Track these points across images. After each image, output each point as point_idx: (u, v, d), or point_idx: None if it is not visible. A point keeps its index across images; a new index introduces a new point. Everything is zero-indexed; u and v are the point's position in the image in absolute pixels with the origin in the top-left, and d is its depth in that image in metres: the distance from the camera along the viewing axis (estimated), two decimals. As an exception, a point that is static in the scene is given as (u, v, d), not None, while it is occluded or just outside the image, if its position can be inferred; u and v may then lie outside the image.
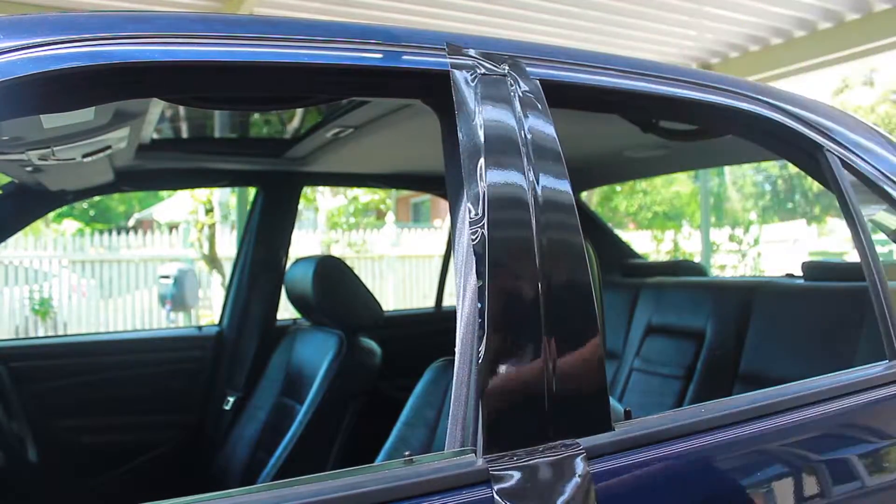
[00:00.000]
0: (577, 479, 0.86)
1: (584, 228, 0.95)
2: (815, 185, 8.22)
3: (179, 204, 9.45)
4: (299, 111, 1.81)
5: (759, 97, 1.26)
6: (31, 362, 2.10)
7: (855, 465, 1.12)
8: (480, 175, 0.89)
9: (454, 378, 0.90)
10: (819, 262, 2.20)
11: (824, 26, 4.80)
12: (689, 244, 8.71)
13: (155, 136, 1.83)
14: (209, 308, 7.82)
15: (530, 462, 0.85)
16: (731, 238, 7.99)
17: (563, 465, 0.86)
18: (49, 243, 8.18)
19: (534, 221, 0.91)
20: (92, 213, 14.99)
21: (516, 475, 0.84)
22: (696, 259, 6.97)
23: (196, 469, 2.22)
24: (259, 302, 2.39)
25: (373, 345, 2.10)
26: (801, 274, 2.23)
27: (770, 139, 1.31)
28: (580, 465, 0.87)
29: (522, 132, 0.94)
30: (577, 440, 0.89)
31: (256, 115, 1.92)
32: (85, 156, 1.56)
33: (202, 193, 6.87)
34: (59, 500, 1.95)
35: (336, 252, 8.56)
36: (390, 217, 10.55)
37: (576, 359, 0.92)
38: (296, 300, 2.16)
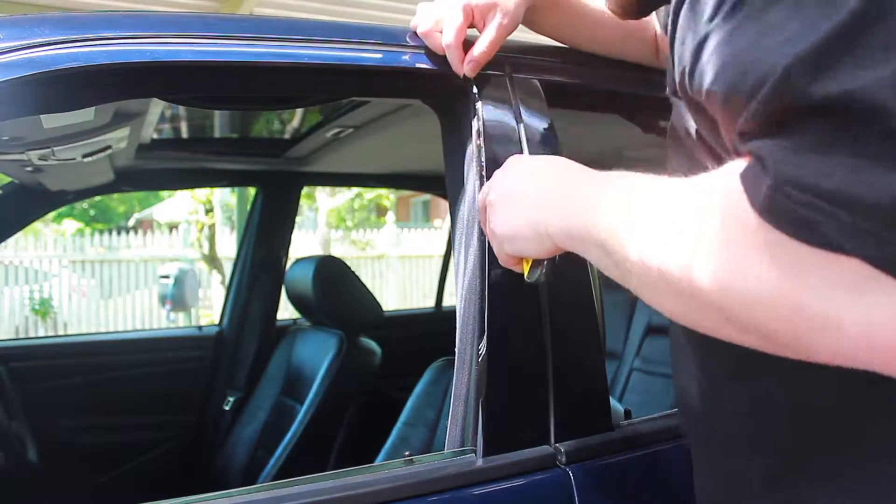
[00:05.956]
0: (577, 480, 0.86)
1: (584, 228, 0.95)
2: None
3: (179, 204, 9.44)
4: (299, 111, 1.81)
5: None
6: (31, 362, 2.10)
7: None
8: (480, 175, 0.89)
9: (454, 378, 0.90)
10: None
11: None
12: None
13: (155, 136, 1.83)
14: (209, 308, 7.81)
15: (530, 462, 0.85)
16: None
17: (562, 465, 0.86)
18: (49, 243, 8.18)
19: (534, 221, 0.91)
20: (92, 213, 14.98)
21: (516, 475, 0.84)
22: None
23: (196, 469, 2.22)
24: (259, 302, 2.39)
25: (373, 345, 2.10)
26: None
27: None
28: (580, 466, 0.87)
29: (522, 132, 0.94)
30: (578, 440, 0.89)
31: (256, 115, 1.91)
32: (85, 156, 1.56)
33: (202, 193, 6.87)
34: (59, 500, 1.95)
35: (336, 252, 8.55)
36: (391, 217, 10.54)
37: (576, 359, 0.92)
38: (296, 300, 2.16)
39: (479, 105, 0.92)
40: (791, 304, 0.42)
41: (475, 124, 0.92)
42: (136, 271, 8.19)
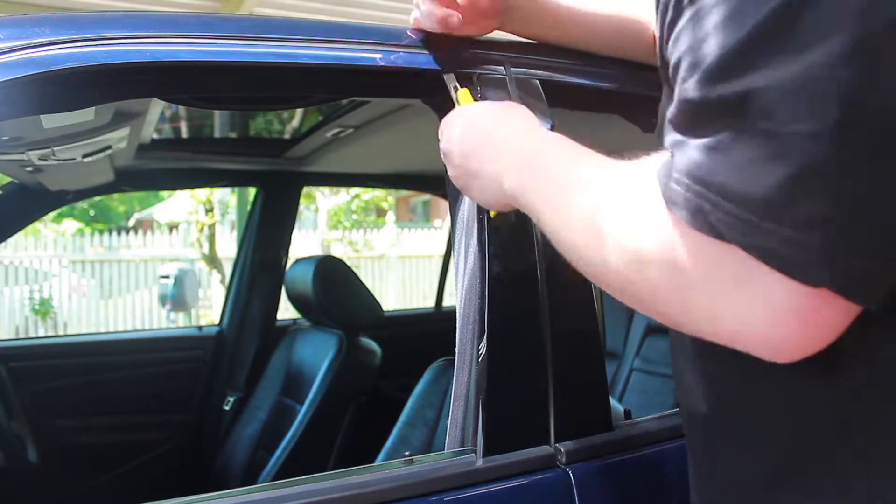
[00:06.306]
0: (577, 480, 0.86)
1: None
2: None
3: (179, 204, 9.43)
4: (299, 111, 1.81)
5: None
6: (31, 362, 2.10)
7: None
8: (480, 175, 0.89)
9: (454, 378, 0.90)
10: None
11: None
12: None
13: (155, 136, 1.83)
14: (209, 308, 7.81)
15: (530, 462, 0.85)
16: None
17: (562, 465, 0.86)
18: (49, 243, 8.18)
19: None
20: (92, 213, 14.98)
21: (516, 475, 0.84)
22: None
23: (196, 469, 2.22)
24: (259, 302, 2.39)
25: (373, 345, 2.10)
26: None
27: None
28: (580, 466, 0.87)
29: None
30: (578, 440, 0.89)
31: (257, 115, 1.91)
32: (85, 156, 1.56)
33: (202, 193, 6.86)
34: (59, 500, 1.95)
35: (336, 252, 8.55)
36: (390, 217, 10.54)
37: (576, 359, 0.92)
38: (296, 300, 2.16)
39: (479, 105, 0.92)
40: (679, 295, 0.48)
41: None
42: (136, 271, 8.19)
